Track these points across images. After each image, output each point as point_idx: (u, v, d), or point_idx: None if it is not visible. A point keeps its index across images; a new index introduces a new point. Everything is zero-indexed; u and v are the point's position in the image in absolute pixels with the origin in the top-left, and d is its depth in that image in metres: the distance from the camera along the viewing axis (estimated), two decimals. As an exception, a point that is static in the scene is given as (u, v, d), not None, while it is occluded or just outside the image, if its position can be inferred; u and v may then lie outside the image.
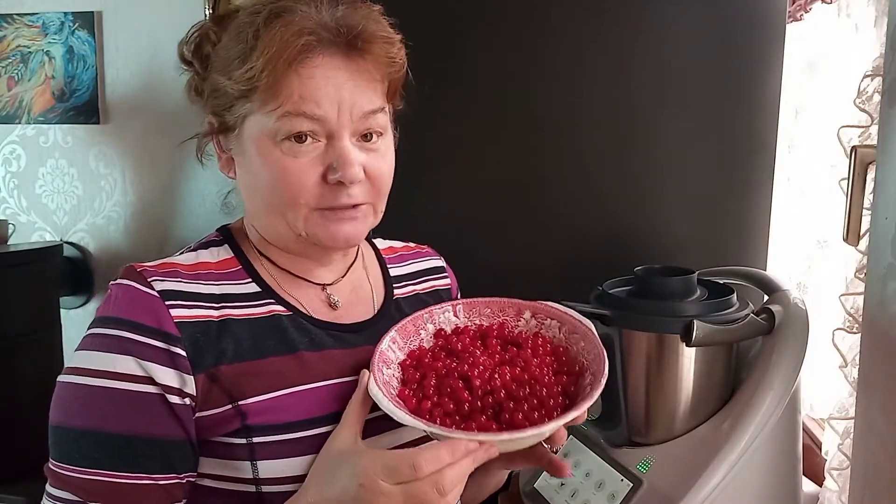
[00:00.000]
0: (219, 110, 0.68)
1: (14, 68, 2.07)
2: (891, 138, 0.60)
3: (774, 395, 0.84)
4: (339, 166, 0.64)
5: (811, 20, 1.20)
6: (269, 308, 0.69)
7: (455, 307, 0.76)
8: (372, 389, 0.62)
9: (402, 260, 0.86)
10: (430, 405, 0.62)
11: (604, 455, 0.93)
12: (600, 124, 1.19)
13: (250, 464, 0.62)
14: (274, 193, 0.66)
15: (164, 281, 0.64)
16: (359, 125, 0.66)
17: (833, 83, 1.17)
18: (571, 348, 0.71)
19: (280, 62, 0.61)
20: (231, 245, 0.73)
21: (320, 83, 0.63)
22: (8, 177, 2.13)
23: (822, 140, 1.19)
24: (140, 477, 0.60)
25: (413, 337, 0.72)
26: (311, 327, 0.70)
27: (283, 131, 0.63)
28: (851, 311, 0.92)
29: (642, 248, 1.19)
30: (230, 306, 0.67)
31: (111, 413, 0.60)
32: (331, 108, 0.64)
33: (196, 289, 0.66)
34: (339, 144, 0.65)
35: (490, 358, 0.68)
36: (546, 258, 1.20)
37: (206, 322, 0.64)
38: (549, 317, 0.74)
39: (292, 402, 0.64)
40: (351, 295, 0.77)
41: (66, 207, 2.09)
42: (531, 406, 0.62)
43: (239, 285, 0.69)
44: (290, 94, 0.63)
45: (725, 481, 0.81)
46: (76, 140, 2.06)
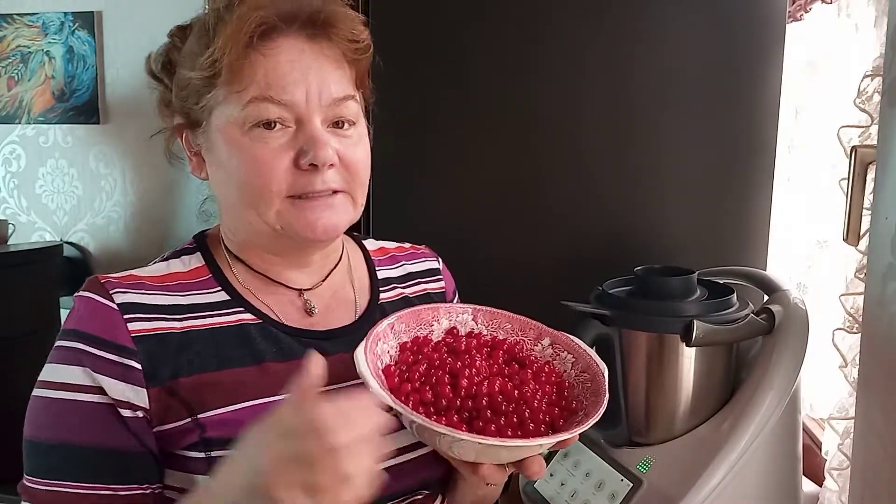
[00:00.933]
0: (186, 106, 0.67)
1: (14, 68, 2.07)
2: (891, 138, 0.60)
3: (774, 395, 0.84)
4: (310, 148, 0.63)
5: (811, 20, 1.20)
6: (237, 317, 0.67)
7: (476, 312, 0.74)
8: (357, 354, 0.59)
9: (393, 262, 0.83)
10: (410, 388, 0.61)
11: (604, 455, 0.93)
12: (600, 124, 1.19)
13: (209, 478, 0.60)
14: (245, 184, 0.64)
15: (126, 293, 0.63)
16: (329, 112, 0.65)
17: (833, 83, 1.17)
18: (577, 386, 0.69)
19: (239, 38, 0.61)
20: (204, 252, 0.71)
21: (286, 67, 0.63)
22: (8, 177, 2.13)
23: (822, 140, 1.19)
24: (102, 488, 0.59)
25: (424, 325, 0.70)
26: (281, 336, 0.68)
27: (252, 118, 0.62)
28: (851, 311, 0.92)
29: (642, 248, 1.19)
30: (196, 316, 0.65)
31: (73, 425, 0.60)
32: (298, 92, 0.63)
33: (160, 300, 0.64)
34: (309, 127, 0.63)
35: (488, 367, 0.66)
36: (546, 258, 1.20)
37: (166, 334, 0.63)
38: (567, 350, 0.72)
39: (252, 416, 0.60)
40: (331, 300, 0.74)
41: (66, 207, 2.09)
42: (509, 423, 0.60)
43: (207, 294, 0.68)
44: (254, 77, 0.62)
45: (725, 481, 0.81)
46: (76, 140, 2.06)
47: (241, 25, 0.61)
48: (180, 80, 0.66)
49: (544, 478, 0.98)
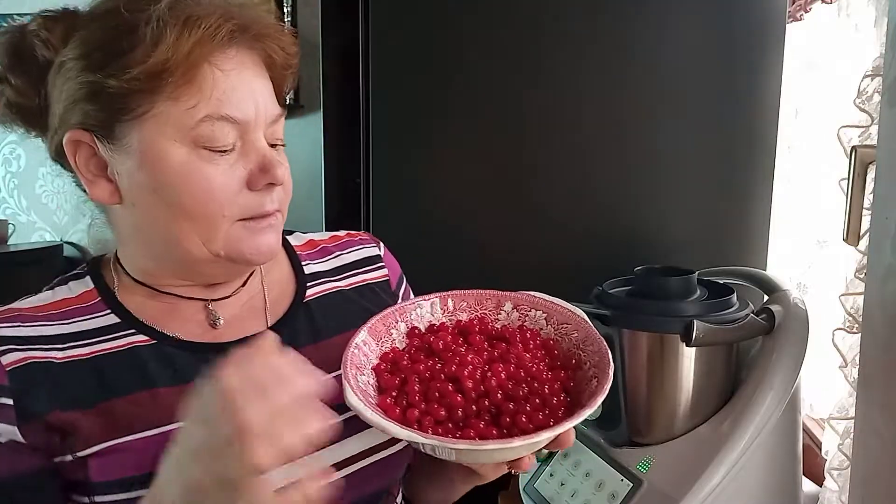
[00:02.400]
0: (94, 118, 0.56)
1: (14, 68, 2.07)
2: (891, 138, 0.60)
3: (774, 395, 0.84)
4: (267, 167, 0.58)
5: (811, 20, 1.20)
6: (127, 340, 0.61)
7: (428, 303, 0.67)
8: (350, 399, 0.53)
9: (324, 254, 0.76)
10: (418, 413, 0.55)
11: (604, 455, 0.93)
12: (600, 123, 1.19)
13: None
14: (190, 210, 0.57)
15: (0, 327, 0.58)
16: (268, 131, 0.61)
17: (833, 83, 1.17)
18: (563, 340, 0.65)
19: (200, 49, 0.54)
20: (93, 276, 0.65)
21: (235, 82, 0.57)
22: (8, 177, 2.13)
23: (822, 140, 1.19)
24: None
25: (384, 338, 0.64)
26: (178, 354, 0.61)
27: (205, 137, 0.56)
28: (851, 311, 0.92)
29: (642, 248, 1.19)
30: (80, 344, 0.59)
31: None
32: (249, 109, 0.58)
33: (37, 332, 0.59)
34: (259, 146, 0.59)
35: (478, 356, 0.60)
36: (546, 258, 1.20)
37: (44, 364, 0.57)
38: (534, 307, 0.67)
39: (141, 451, 0.56)
40: (242, 308, 0.67)
41: (66, 207, 2.09)
42: (533, 406, 0.56)
43: (94, 319, 0.61)
44: (201, 90, 0.55)
45: (725, 481, 0.81)
46: (76, 140, 2.06)
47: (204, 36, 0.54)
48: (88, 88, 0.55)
49: (544, 477, 0.98)
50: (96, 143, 0.58)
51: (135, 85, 0.54)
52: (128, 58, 0.54)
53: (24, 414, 0.55)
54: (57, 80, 0.58)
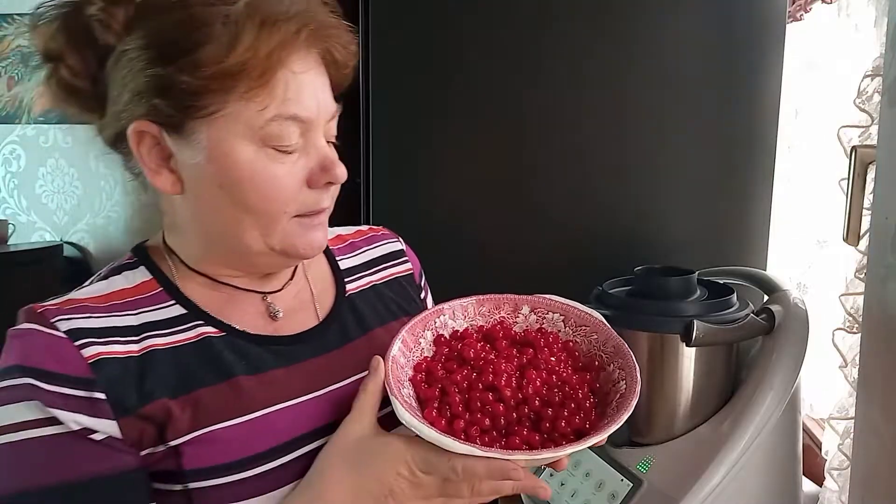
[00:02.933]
0: (164, 112, 0.56)
1: (14, 68, 2.07)
2: (891, 138, 0.60)
3: (774, 395, 0.84)
4: (328, 167, 0.60)
5: (811, 20, 1.20)
6: (198, 331, 0.61)
7: (450, 310, 0.70)
8: (404, 417, 0.55)
9: (353, 249, 0.78)
10: (464, 424, 0.57)
11: (604, 455, 0.93)
12: (600, 123, 1.19)
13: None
14: (253, 206, 0.58)
15: (70, 319, 0.56)
16: (326, 128, 0.62)
17: (833, 83, 1.17)
18: (582, 342, 0.67)
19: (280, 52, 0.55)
20: (148, 266, 0.64)
21: (303, 82, 0.58)
22: (8, 177, 2.13)
23: (822, 140, 1.19)
24: None
25: (414, 347, 0.66)
26: (247, 346, 0.62)
27: (273, 137, 0.57)
28: (851, 311, 0.92)
29: (642, 248, 1.19)
30: (154, 335, 0.59)
31: (39, 465, 0.53)
32: (314, 107, 0.59)
33: (110, 322, 0.58)
34: (319, 144, 0.60)
35: (509, 363, 0.62)
36: (546, 258, 1.20)
37: (125, 359, 0.56)
38: (551, 310, 0.70)
39: (229, 439, 0.57)
40: (294, 301, 0.69)
41: (66, 207, 2.09)
42: (570, 411, 0.59)
43: (160, 310, 0.61)
44: (277, 92, 0.56)
45: (725, 481, 0.81)
46: (76, 140, 2.06)
47: (286, 38, 0.55)
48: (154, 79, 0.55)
49: (544, 477, 0.98)
50: (163, 135, 0.57)
51: (209, 84, 0.54)
52: (200, 54, 0.53)
53: (119, 408, 0.55)
54: (119, 69, 0.57)
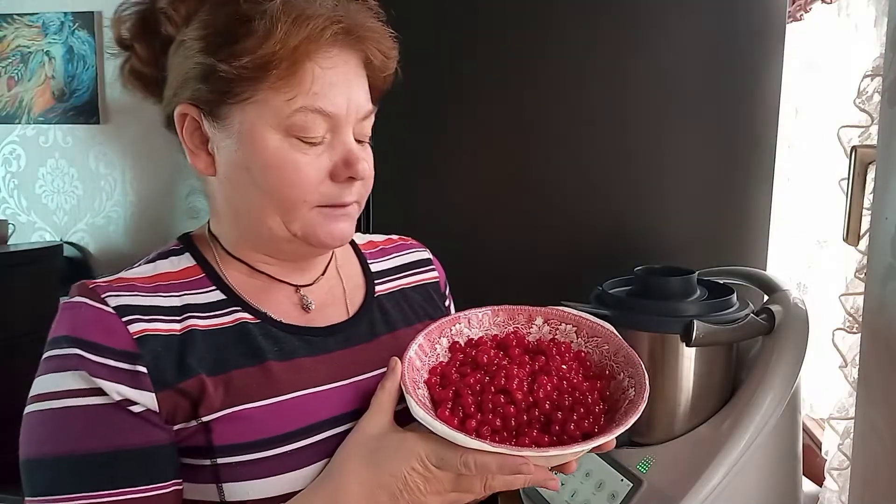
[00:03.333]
0: (203, 95, 0.61)
1: (14, 68, 2.07)
2: (891, 138, 0.60)
3: (774, 395, 0.84)
4: (351, 162, 0.63)
5: (811, 20, 1.20)
6: (235, 316, 0.65)
7: (465, 318, 0.72)
8: (417, 413, 0.58)
9: (383, 254, 0.83)
10: (476, 423, 0.59)
11: (604, 455, 0.93)
12: (601, 124, 1.19)
13: (216, 487, 0.59)
14: (275, 192, 0.62)
15: (119, 296, 0.60)
16: (357, 127, 0.65)
17: (833, 83, 1.17)
18: (594, 352, 0.69)
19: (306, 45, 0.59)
20: (193, 253, 0.69)
21: (333, 79, 0.62)
22: (8, 177, 2.13)
23: (822, 140, 1.19)
24: (123, 493, 0.56)
25: (429, 353, 0.68)
26: (280, 334, 0.66)
27: (297, 127, 0.61)
28: (851, 311, 0.92)
29: (642, 247, 1.19)
30: (195, 317, 0.63)
31: (78, 432, 0.57)
32: (342, 104, 0.62)
33: (155, 302, 0.62)
34: (346, 140, 0.64)
35: (521, 369, 0.65)
36: (546, 258, 1.20)
37: (168, 336, 0.60)
38: (563, 321, 0.72)
39: (258, 418, 0.61)
40: (326, 296, 0.73)
41: (66, 207, 2.09)
42: (579, 415, 0.61)
43: (202, 294, 0.65)
44: (304, 84, 0.60)
45: (725, 481, 0.81)
46: (76, 140, 2.06)
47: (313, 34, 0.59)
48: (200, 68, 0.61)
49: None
50: (202, 118, 0.63)
51: (243, 72, 0.59)
52: (240, 46, 0.59)
53: (158, 382, 0.58)
54: (176, 56, 0.63)
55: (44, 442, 0.57)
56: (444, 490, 0.58)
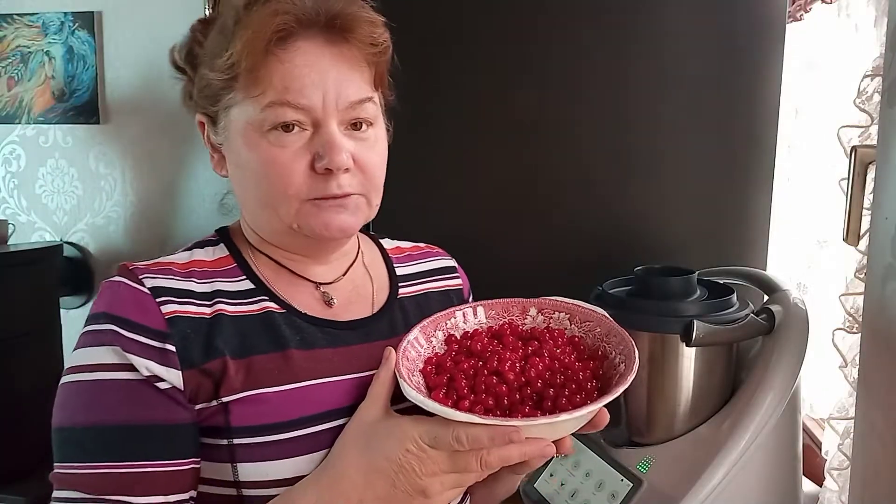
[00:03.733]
0: (206, 105, 0.68)
1: (14, 68, 2.06)
2: (891, 138, 0.60)
3: (774, 395, 0.84)
4: (325, 153, 0.63)
5: (811, 20, 1.20)
6: (262, 305, 0.68)
7: (461, 313, 0.74)
8: (409, 394, 0.59)
9: (409, 260, 0.85)
10: (469, 404, 0.60)
11: (604, 455, 0.93)
12: (601, 124, 1.19)
13: (230, 466, 0.62)
14: (263, 186, 0.65)
15: (155, 278, 0.64)
16: (345, 114, 0.65)
17: (833, 83, 1.17)
18: (587, 336, 0.70)
19: (257, 44, 0.61)
20: (227, 244, 0.73)
21: (303, 70, 0.62)
22: (8, 177, 2.12)
23: (822, 140, 1.19)
24: (144, 465, 0.59)
25: (425, 346, 0.70)
26: (303, 325, 0.69)
27: (269, 121, 0.63)
28: (851, 311, 0.92)
29: (642, 248, 1.19)
30: (224, 303, 0.66)
31: (107, 404, 0.60)
32: (315, 96, 0.63)
33: (188, 286, 0.65)
34: (325, 131, 0.64)
35: (514, 353, 0.66)
36: (546, 258, 1.20)
37: (197, 319, 0.64)
38: (557, 310, 0.73)
39: (275, 402, 0.63)
40: (350, 293, 0.75)
41: (66, 207, 2.09)
42: (571, 391, 0.61)
43: (232, 283, 0.69)
44: (271, 81, 0.62)
45: (725, 481, 0.81)
46: (76, 140, 2.06)
47: (259, 31, 0.61)
48: (201, 79, 0.67)
49: (544, 477, 0.98)
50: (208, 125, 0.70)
51: (219, 80, 0.64)
52: (217, 56, 0.64)
53: (185, 361, 0.61)
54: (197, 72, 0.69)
55: (75, 411, 0.60)
56: (440, 471, 0.58)
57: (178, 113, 1.36)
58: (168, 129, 1.96)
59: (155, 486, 0.60)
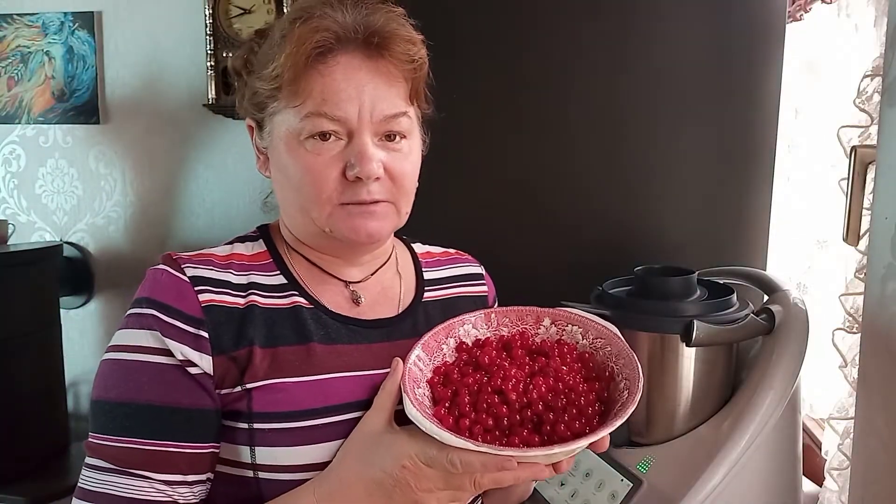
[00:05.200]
0: (254, 111, 0.73)
1: (14, 68, 2.07)
2: (891, 138, 0.60)
3: (774, 395, 0.84)
4: (356, 162, 0.67)
5: (811, 20, 1.20)
6: (292, 299, 0.72)
7: (473, 319, 0.75)
8: (410, 412, 0.61)
9: (437, 265, 0.87)
10: (469, 422, 0.61)
11: (604, 455, 0.93)
12: (601, 124, 1.19)
13: (249, 449, 0.65)
14: (300, 189, 0.69)
15: (196, 268, 0.69)
16: (379, 127, 0.69)
17: (833, 83, 1.17)
18: (597, 353, 0.70)
19: (299, 58, 0.65)
20: (266, 241, 0.77)
21: (341, 84, 0.66)
22: (8, 177, 2.12)
23: (822, 140, 1.19)
24: (167, 444, 0.63)
25: (436, 353, 0.71)
26: (329, 321, 0.72)
27: (307, 130, 0.67)
28: (851, 311, 0.92)
29: (642, 248, 1.19)
30: (257, 294, 0.70)
31: (140, 384, 0.64)
32: (351, 109, 0.67)
33: (226, 277, 0.70)
34: (358, 142, 0.68)
35: (520, 370, 0.66)
36: (546, 258, 1.20)
37: (231, 308, 0.68)
38: (570, 322, 0.74)
39: (295, 392, 0.66)
40: (378, 294, 0.78)
41: (66, 207, 2.09)
42: (571, 416, 0.62)
43: (267, 276, 0.73)
44: (311, 93, 0.66)
45: (725, 481, 0.81)
46: (76, 140, 2.06)
47: (300, 46, 0.65)
48: (251, 87, 0.72)
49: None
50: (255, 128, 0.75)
51: (265, 90, 0.69)
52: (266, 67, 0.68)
53: (216, 348, 0.66)
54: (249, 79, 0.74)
55: (110, 388, 0.65)
56: (434, 488, 0.60)
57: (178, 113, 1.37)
58: (168, 129, 1.96)
59: (176, 465, 0.64)
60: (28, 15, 2.04)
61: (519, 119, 1.19)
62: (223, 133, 1.95)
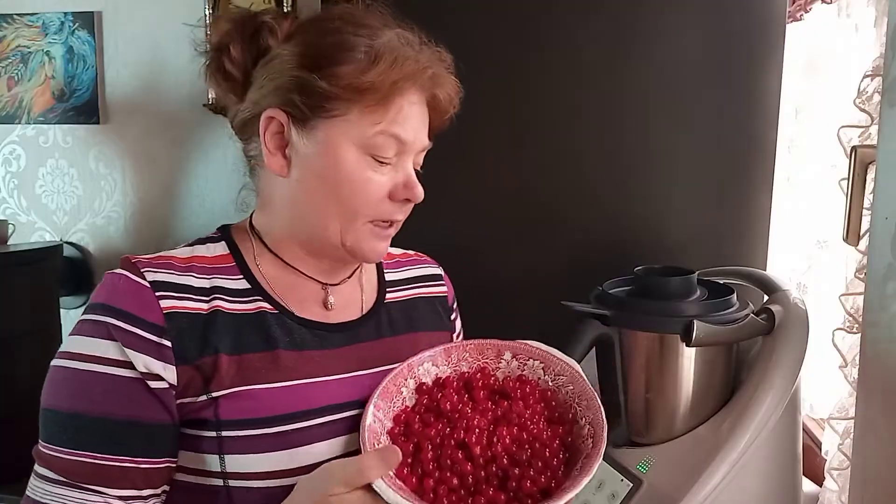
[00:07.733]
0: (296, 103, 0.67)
1: (14, 68, 2.06)
2: (891, 138, 0.60)
3: (774, 395, 0.84)
4: (410, 186, 0.70)
5: (811, 20, 1.20)
6: (256, 305, 0.70)
7: (433, 356, 0.74)
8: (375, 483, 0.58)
9: (398, 266, 0.88)
10: (433, 483, 0.61)
11: (604, 455, 0.93)
12: (601, 124, 1.19)
13: (218, 458, 0.64)
14: (343, 199, 0.68)
15: (156, 272, 0.66)
16: (417, 157, 0.73)
17: (833, 83, 1.17)
18: (559, 391, 0.70)
19: (398, 81, 0.66)
20: (228, 242, 0.74)
21: (412, 110, 0.70)
22: (8, 177, 2.12)
23: (822, 140, 1.19)
24: (122, 460, 0.61)
25: (395, 397, 0.70)
26: (294, 326, 0.71)
27: (373, 146, 0.67)
28: (851, 311, 0.92)
29: (642, 248, 1.19)
30: (221, 299, 0.68)
31: (94, 396, 0.62)
32: (413, 135, 0.70)
33: (188, 281, 0.67)
34: (407, 166, 0.71)
35: (483, 416, 0.66)
36: (546, 258, 1.20)
37: (194, 314, 0.66)
38: (532, 357, 0.73)
39: (264, 399, 0.66)
40: (347, 297, 0.78)
41: (66, 207, 2.09)
42: (536, 469, 0.62)
43: (230, 280, 0.71)
44: (387, 112, 0.67)
45: (725, 481, 0.81)
46: (76, 140, 2.06)
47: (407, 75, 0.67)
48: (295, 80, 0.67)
49: None
50: (289, 124, 0.68)
51: (340, 92, 0.66)
52: (341, 69, 0.66)
53: (180, 357, 0.63)
54: (269, 67, 0.69)
55: (63, 397, 0.62)
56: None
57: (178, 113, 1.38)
58: (168, 129, 1.96)
59: (131, 480, 0.62)
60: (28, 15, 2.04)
61: (519, 120, 1.19)
62: (223, 133, 1.95)
